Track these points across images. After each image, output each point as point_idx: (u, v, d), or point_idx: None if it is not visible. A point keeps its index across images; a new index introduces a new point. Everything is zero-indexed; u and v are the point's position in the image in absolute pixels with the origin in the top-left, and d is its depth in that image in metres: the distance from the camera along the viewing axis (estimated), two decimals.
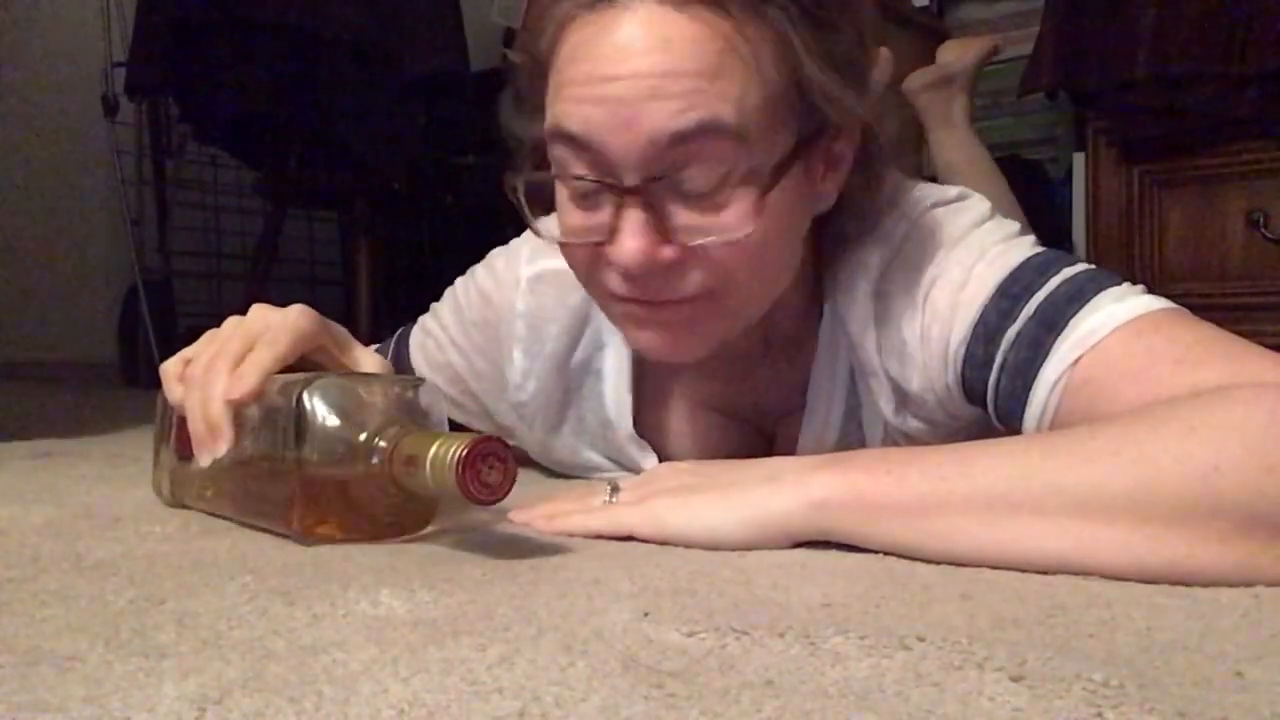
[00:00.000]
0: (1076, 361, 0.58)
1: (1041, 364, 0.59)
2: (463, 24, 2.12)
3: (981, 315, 0.63)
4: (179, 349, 0.65)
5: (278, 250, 2.29)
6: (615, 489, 0.62)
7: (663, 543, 0.56)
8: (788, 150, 0.59)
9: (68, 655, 0.36)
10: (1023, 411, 0.61)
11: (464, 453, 0.50)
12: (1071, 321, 0.59)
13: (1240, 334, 0.56)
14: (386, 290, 2.30)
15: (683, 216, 0.59)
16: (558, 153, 0.60)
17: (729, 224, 0.58)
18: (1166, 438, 0.48)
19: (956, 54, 1.72)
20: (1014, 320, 0.62)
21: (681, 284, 0.61)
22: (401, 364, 0.88)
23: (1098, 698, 0.32)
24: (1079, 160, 1.76)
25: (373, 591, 0.45)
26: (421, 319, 0.89)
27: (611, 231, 0.59)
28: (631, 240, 0.58)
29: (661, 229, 0.58)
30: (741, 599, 0.44)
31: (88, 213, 2.51)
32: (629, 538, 0.57)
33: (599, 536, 0.58)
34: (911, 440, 0.70)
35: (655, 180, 0.57)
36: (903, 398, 0.69)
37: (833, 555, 0.53)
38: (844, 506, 0.52)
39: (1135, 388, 0.54)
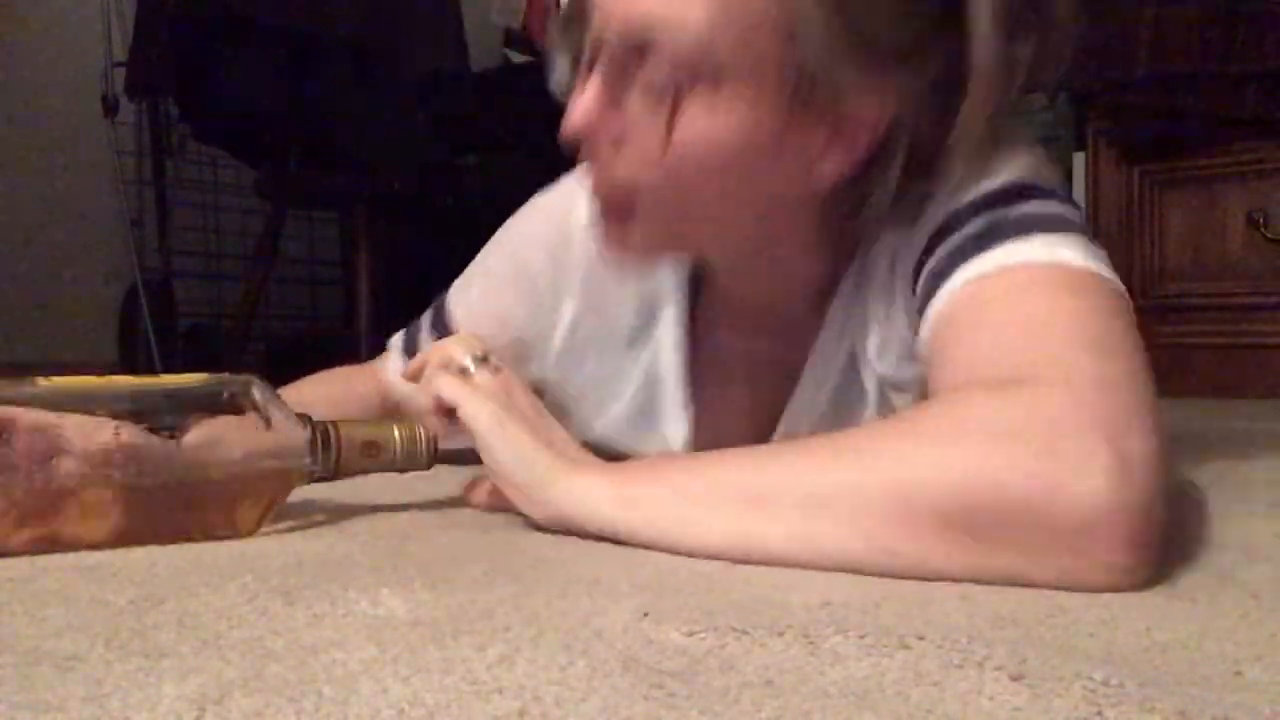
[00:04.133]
0: (979, 279, 0.55)
1: (952, 273, 0.57)
2: (463, 24, 2.12)
3: (944, 222, 0.61)
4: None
5: (278, 250, 2.29)
6: (482, 359, 0.63)
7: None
8: (750, 88, 0.57)
9: (68, 655, 0.36)
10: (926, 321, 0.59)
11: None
12: (1004, 243, 0.56)
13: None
14: (387, 290, 2.30)
15: (636, 102, 0.60)
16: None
17: (650, 131, 0.59)
18: (886, 436, 0.51)
19: None
20: (962, 228, 0.59)
21: (617, 163, 0.62)
22: (445, 326, 0.87)
23: (1098, 697, 0.32)
24: (1079, 160, 1.76)
25: (373, 591, 0.45)
26: (464, 274, 0.88)
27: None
28: (583, 96, 0.61)
29: (616, 99, 0.60)
30: (741, 599, 0.44)
31: (88, 213, 2.50)
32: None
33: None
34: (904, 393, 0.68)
35: (625, 53, 0.59)
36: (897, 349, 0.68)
37: None
38: (599, 501, 0.55)
39: (963, 349, 0.54)
